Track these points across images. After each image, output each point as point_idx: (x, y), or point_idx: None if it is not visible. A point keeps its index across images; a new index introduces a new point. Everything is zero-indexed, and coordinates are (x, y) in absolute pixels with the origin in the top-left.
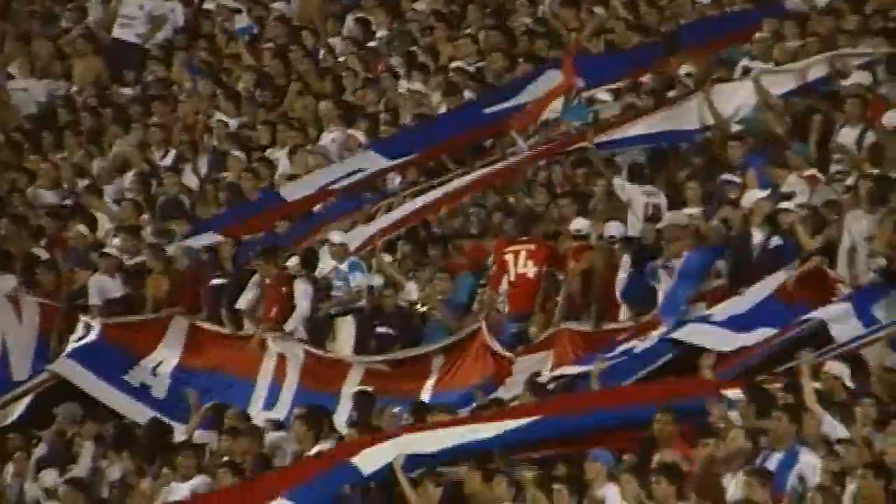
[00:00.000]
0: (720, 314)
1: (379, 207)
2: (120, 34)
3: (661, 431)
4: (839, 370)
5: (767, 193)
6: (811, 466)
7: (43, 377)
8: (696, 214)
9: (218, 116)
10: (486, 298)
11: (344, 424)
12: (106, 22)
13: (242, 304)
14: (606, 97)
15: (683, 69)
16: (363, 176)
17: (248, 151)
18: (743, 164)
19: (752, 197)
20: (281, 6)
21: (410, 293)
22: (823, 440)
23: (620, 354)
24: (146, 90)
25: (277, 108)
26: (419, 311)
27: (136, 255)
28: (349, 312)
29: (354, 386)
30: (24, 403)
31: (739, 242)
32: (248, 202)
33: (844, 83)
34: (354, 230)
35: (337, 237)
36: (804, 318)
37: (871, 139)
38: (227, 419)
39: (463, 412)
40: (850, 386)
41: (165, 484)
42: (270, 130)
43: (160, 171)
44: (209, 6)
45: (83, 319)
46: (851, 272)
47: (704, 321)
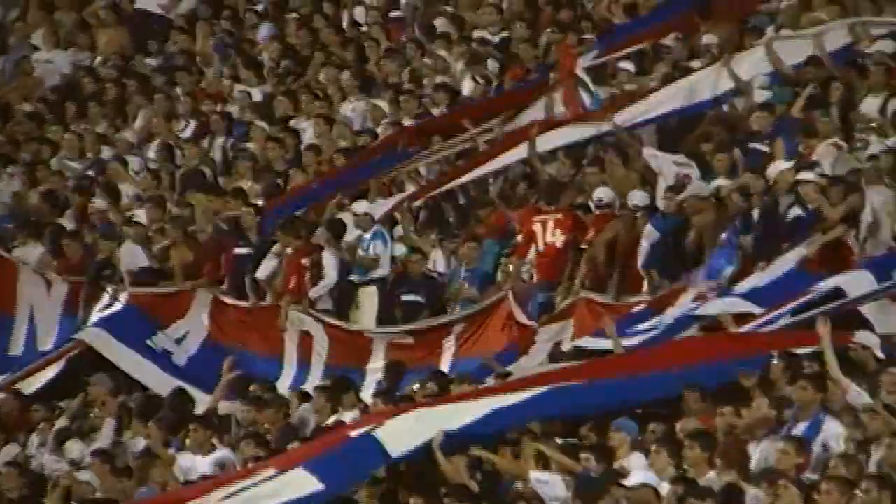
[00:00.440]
0: (741, 288)
1: (399, 173)
2: (144, 4)
3: (688, 407)
4: (869, 340)
5: (792, 164)
6: (835, 434)
7: (68, 346)
8: (724, 185)
9: (241, 87)
10: (511, 268)
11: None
12: None
13: (261, 273)
14: (629, 66)
15: (706, 39)
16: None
17: (271, 121)
18: (771, 133)
19: (777, 167)
20: None
21: (436, 262)
22: (849, 409)
23: (646, 330)
24: (170, 60)
25: (301, 77)
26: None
27: (160, 225)
28: (372, 282)
29: (379, 361)
30: (48, 374)
31: (765, 214)
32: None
33: (868, 51)
34: (379, 199)
35: (361, 206)
36: (820, 284)
37: (894, 107)
38: (252, 390)
39: (486, 382)
40: (880, 356)
41: (185, 456)
42: (294, 100)
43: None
44: None
45: (110, 289)
46: (873, 246)
47: (725, 295)
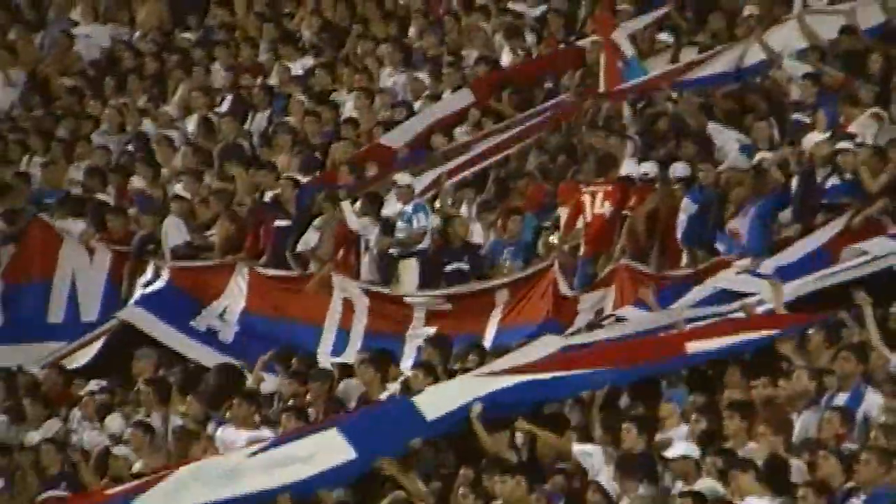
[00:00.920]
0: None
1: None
2: None
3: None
4: None
5: (828, 135)
6: (876, 405)
7: (112, 324)
8: (766, 159)
9: (280, 61)
10: (554, 239)
11: (409, 368)
12: None
13: (304, 246)
14: (667, 38)
15: (747, 10)
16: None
17: (311, 95)
18: (814, 104)
19: (811, 138)
20: None
21: (476, 235)
22: (891, 379)
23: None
24: (209, 35)
25: (340, 50)
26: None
27: (202, 198)
28: (412, 255)
29: (420, 327)
30: (93, 350)
31: (803, 185)
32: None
33: None
34: (421, 173)
35: (404, 178)
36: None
37: None
38: (293, 363)
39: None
40: None
41: (227, 430)
42: (333, 73)
43: (219, 116)
44: None
45: (154, 263)
46: None
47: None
